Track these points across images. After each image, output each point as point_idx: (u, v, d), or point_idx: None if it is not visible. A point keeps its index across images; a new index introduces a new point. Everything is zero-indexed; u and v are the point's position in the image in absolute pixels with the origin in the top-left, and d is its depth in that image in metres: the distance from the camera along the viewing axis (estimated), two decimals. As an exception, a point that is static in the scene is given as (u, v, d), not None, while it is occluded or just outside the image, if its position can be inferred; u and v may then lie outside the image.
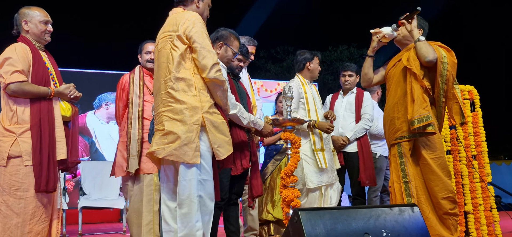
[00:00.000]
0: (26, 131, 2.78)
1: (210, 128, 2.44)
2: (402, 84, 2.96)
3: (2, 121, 2.83)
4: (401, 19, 3.00)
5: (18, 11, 2.99)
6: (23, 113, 2.81)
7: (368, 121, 4.27)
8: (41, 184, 2.75)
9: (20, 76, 2.78)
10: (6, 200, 2.74)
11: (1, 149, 2.76)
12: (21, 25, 2.96)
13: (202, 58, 2.44)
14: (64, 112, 2.95)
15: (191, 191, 2.38)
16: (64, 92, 2.96)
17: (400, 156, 2.93)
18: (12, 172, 2.76)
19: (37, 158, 2.76)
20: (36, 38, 2.98)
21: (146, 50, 3.74)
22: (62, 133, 2.89)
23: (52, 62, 3.09)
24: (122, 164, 3.57)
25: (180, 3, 2.67)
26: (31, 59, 2.87)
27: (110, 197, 5.49)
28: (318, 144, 3.82)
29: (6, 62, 2.79)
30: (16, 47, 2.86)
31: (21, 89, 2.78)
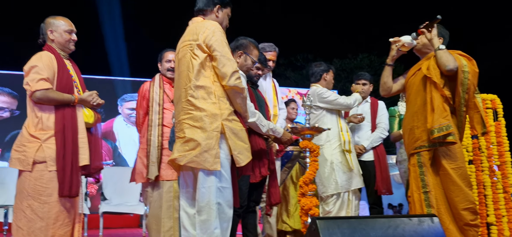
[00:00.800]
0: (51, 137, 2.85)
1: (230, 135, 2.47)
2: (421, 93, 2.94)
3: (27, 127, 2.90)
4: (421, 28, 2.98)
5: (44, 21, 3.08)
6: (48, 120, 2.87)
7: (384, 130, 4.33)
8: (64, 189, 2.81)
9: (45, 83, 2.86)
10: (30, 204, 2.80)
11: (27, 154, 2.83)
12: (47, 34, 3.04)
13: (222, 66, 2.47)
14: (87, 119, 3.01)
15: (210, 198, 2.40)
16: (87, 99, 3.03)
17: (420, 165, 2.90)
18: (37, 177, 2.82)
19: (60, 163, 2.82)
20: (60, 46, 3.06)
21: (166, 58, 3.80)
22: (85, 139, 2.95)
23: (76, 70, 3.16)
24: (142, 171, 3.62)
25: (200, 12, 2.72)
26: (56, 67, 2.95)
27: (130, 202, 5.56)
28: (347, 145, 3.92)
29: (33, 70, 2.87)
30: (41, 56, 2.94)
31: (46, 96, 2.86)
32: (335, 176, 3.85)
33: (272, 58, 3.89)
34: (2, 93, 9.10)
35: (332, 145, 3.91)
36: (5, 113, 9.08)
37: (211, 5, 2.70)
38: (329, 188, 3.83)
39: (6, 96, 9.12)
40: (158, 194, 3.56)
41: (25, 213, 2.80)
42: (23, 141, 2.87)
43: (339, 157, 3.88)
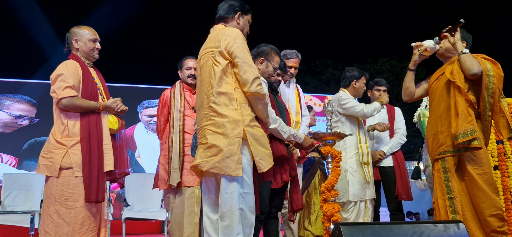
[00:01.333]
0: (76, 143, 2.91)
1: (252, 141, 2.48)
2: (445, 98, 2.90)
3: (54, 134, 2.96)
4: (444, 32, 2.94)
5: (69, 31, 3.16)
6: (74, 127, 2.94)
7: (403, 136, 4.34)
8: (90, 195, 2.86)
9: (71, 91, 2.92)
10: (57, 210, 2.87)
11: (53, 161, 2.89)
12: (72, 43, 3.12)
13: (243, 73, 2.49)
14: (111, 125, 3.07)
15: (233, 204, 2.42)
16: (112, 106, 3.09)
17: (445, 171, 2.85)
18: (64, 183, 2.88)
19: (86, 169, 2.87)
20: (85, 55, 3.13)
21: (187, 66, 3.84)
22: (109, 145, 3.00)
23: (100, 78, 3.23)
24: (164, 177, 3.66)
25: (221, 20, 2.75)
26: (81, 75, 3.02)
27: (152, 208, 5.62)
28: (365, 158, 3.89)
29: (59, 78, 2.95)
30: (67, 64, 3.01)
31: (72, 103, 2.92)
32: (349, 184, 3.85)
33: (294, 65, 3.88)
34: (21, 101, 9.17)
35: (348, 153, 3.90)
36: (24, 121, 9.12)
37: (232, 12, 2.73)
38: (343, 196, 3.82)
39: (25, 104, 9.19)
40: (180, 200, 3.60)
41: (52, 218, 2.87)
42: (50, 148, 2.93)
43: (354, 166, 3.87)
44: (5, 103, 8.97)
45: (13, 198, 5.47)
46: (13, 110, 9.03)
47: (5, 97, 9.04)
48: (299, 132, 3.17)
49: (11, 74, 11.00)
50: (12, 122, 8.99)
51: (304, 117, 3.90)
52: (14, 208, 5.39)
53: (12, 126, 8.97)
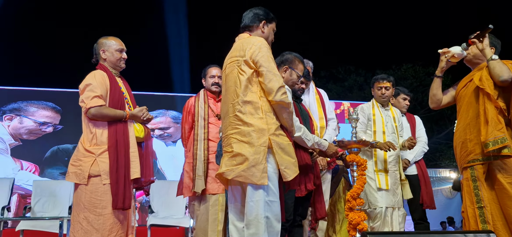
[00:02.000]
0: (104, 151, 2.96)
1: (277, 150, 2.49)
2: (474, 105, 2.84)
3: (83, 142, 3.03)
4: (472, 38, 2.89)
5: (96, 41, 3.24)
6: (102, 135, 3.00)
7: (425, 144, 4.33)
8: (118, 202, 2.91)
9: (99, 100, 2.99)
10: (87, 217, 2.93)
11: (82, 168, 2.96)
12: (99, 54, 3.20)
13: (268, 82, 2.50)
14: (137, 133, 3.12)
15: (259, 212, 2.42)
16: (138, 114, 3.14)
17: (474, 180, 2.79)
18: (92, 190, 2.94)
19: (114, 177, 2.92)
20: (112, 65, 3.20)
21: (211, 74, 3.89)
22: (136, 153, 3.05)
23: (127, 87, 3.30)
24: (189, 184, 3.70)
25: (246, 29, 2.77)
26: (108, 84, 3.09)
27: (176, 215, 5.67)
28: (381, 165, 3.82)
29: (87, 88, 3.02)
30: (95, 74, 3.09)
31: (100, 112, 2.99)
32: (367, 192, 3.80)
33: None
34: (46, 108, 9.09)
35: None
36: (48, 128, 9.03)
37: (257, 21, 2.75)
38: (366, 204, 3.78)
39: (50, 110, 9.10)
40: (205, 208, 3.63)
41: (82, 225, 2.93)
42: (79, 156, 3.00)
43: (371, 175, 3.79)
44: (29, 110, 8.99)
45: (42, 205, 5.61)
46: (38, 117, 8.99)
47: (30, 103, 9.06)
48: (322, 140, 3.16)
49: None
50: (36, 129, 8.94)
51: (330, 121, 3.86)
52: (43, 214, 5.53)
53: (36, 133, 8.93)
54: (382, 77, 4.04)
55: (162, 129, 9.25)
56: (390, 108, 4.10)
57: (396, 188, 3.84)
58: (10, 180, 5.78)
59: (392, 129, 3.98)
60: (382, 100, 4.02)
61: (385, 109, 4.05)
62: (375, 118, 3.94)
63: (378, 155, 3.83)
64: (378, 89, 4.03)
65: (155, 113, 9.21)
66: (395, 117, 4.06)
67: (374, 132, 3.91)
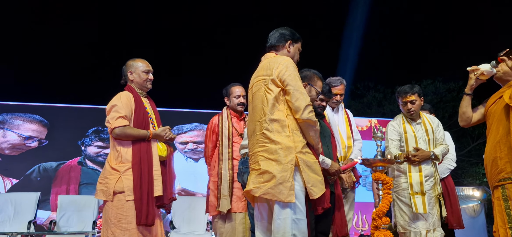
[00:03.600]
0: (128, 169, 3.03)
1: (304, 168, 2.49)
2: (504, 122, 2.79)
3: (110, 161, 3.12)
4: (501, 55, 2.86)
5: (125, 63, 3.35)
6: (126, 153, 3.07)
7: (452, 161, 4.13)
8: (141, 218, 2.96)
9: (123, 121, 3.07)
10: (114, 232, 2.99)
11: (108, 185, 3.03)
12: (127, 76, 3.30)
13: (296, 100, 2.52)
14: (160, 152, 3.17)
15: (286, 230, 2.42)
16: (161, 134, 3.19)
17: (505, 199, 2.73)
18: (118, 206, 3.00)
19: (137, 193, 2.99)
20: (139, 86, 3.30)
21: (236, 94, 3.90)
22: (158, 171, 3.10)
23: (153, 107, 3.37)
24: (214, 203, 3.71)
25: (272, 48, 2.81)
26: (133, 105, 3.17)
27: (198, 231, 5.70)
28: (417, 187, 3.62)
29: (113, 109, 3.11)
30: (121, 96, 3.18)
31: (124, 132, 3.06)
32: (394, 212, 3.71)
33: (339, 92, 3.87)
34: (32, 121, 8.39)
35: (397, 181, 3.74)
36: (33, 143, 8.29)
37: (283, 41, 2.78)
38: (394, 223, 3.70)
39: (36, 124, 8.41)
40: (230, 226, 3.63)
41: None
42: (106, 174, 3.09)
43: (401, 196, 3.67)
44: (14, 123, 8.27)
45: (67, 219, 5.71)
46: (23, 130, 8.30)
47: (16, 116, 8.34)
48: (326, 158, 3.14)
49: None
50: (20, 143, 8.22)
51: (356, 141, 3.86)
52: (68, 229, 5.62)
53: (19, 148, 8.22)
54: (404, 91, 3.77)
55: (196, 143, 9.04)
56: (422, 121, 3.84)
57: (431, 209, 3.63)
58: (36, 195, 5.91)
59: (425, 144, 3.76)
60: (410, 116, 3.81)
61: (417, 122, 3.83)
62: (406, 136, 3.76)
63: (413, 177, 3.64)
64: (403, 105, 3.80)
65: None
66: (427, 130, 3.79)
67: (407, 151, 3.72)
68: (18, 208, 5.74)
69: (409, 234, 3.63)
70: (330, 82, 3.90)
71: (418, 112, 3.83)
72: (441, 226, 3.87)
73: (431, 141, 3.78)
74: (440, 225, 3.68)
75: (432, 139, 3.79)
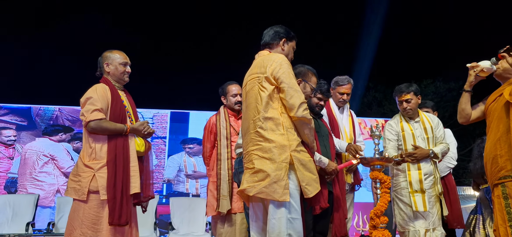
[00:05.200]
0: (103, 166, 2.90)
1: (298, 166, 2.46)
2: (504, 120, 2.76)
3: (82, 157, 2.97)
4: (502, 52, 2.83)
5: (101, 55, 3.22)
6: (101, 150, 2.94)
7: (452, 159, 4.07)
8: (114, 218, 2.84)
9: (99, 114, 2.94)
10: (84, 232, 2.85)
11: (81, 184, 2.89)
12: (103, 67, 3.17)
13: (290, 98, 2.49)
14: (138, 148, 3.06)
15: (281, 230, 2.38)
16: (139, 128, 3.08)
17: (505, 197, 2.69)
18: (91, 206, 2.87)
19: (111, 192, 2.86)
20: (116, 78, 3.17)
21: (232, 92, 3.85)
22: (136, 167, 2.99)
23: (130, 101, 3.25)
24: (213, 204, 3.67)
25: (266, 46, 2.77)
26: (110, 98, 3.04)
27: (197, 232, 5.67)
28: (416, 185, 3.60)
29: (88, 101, 2.98)
30: (97, 88, 3.05)
31: (99, 126, 2.93)
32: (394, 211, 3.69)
33: (346, 91, 3.85)
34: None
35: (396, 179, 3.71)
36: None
37: (277, 39, 2.75)
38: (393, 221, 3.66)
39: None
40: (230, 227, 3.59)
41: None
42: (79, 171, 2.94)
43: (401, 195, 3.64)
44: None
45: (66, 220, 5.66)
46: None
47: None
48: (323, 157, 3.11)
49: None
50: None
51: (358, 143, 3.84)
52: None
53: None
54: (400, 90, 3.79)
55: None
56: (420, 119, 3.83)
57: (431, 207, 3.60)
58: (35, 197, 5.88)
59: (424, 142, 3.74)
60: (407, 114, 3.80)
61: (415, 121, 3.81)
62: (404, 134, 3.74)
63: (412, 175, 3.61)
64: (400, 103, 3.81)
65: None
66: (426, 128, 3.78)
67: (405, 150, 3.70)
68: (16, 210, 5.72)
69: (408, 233, 3.59)
70: (337, 81, 3.86)
71: (415, 110, 3.82)
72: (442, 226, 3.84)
73: (430, 139, 3.75)
74: (441, 224, 3.64)
75: (431, 137, 3.76)
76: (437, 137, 3.79)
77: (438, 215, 3.62)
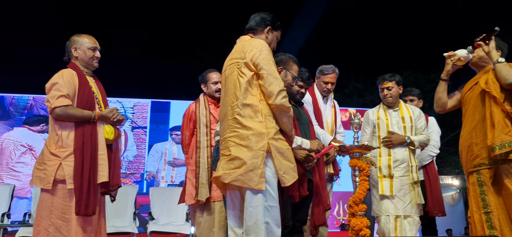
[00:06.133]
0: (70, 155, 2.82)
1: (276, 154, 2.44)
2: (480, 108, 2.80)
3: (48, 145, 2.88)
4: (478, 41, 2.85)
5: (69, 39, 3.10)
6: (68, 138, 2.85)
7: (434, 147, 4.10)
8: (80, 208, 2.77)
9: (65, 100, 2.85)
10: (54, 223, 2.79)
11: (47, 173, 2.81)
12: (71, 52, 3.05)
13: (269, 85, 2.46)
14: (107, 135, 2.98)
15: (258, 218, 2.36)
16: (108, 115, 2.99)
17: (480, 184, 2.74)
18: (60, 196, 2.80)
19: (78, 181, 2.78)
20: (84, 64, 3.05)
21: (213, 80, 3.81)
22: (104, 156, 2.91)
23: (100, 87, 3.15)
24: (191, 192, 3.64)
25: (250, 31, 2.73)
26: (77, 84, 2.94)
27: (177, 222, 5.62)
28: (385, 170, 3.68)
29: (53, 87, 2.88)
30: (63, 73, 2.94)
31: (65, 112, 2.84)
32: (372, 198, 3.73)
33: (330, 80, 3.82)
34: None
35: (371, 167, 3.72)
36: None
37: (263, 25, 2.71)
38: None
39: None
40: (209, 215, 3.56)
41: (49, 231, 2.79)
42: (44, 159, 2.86)
43: (374, 180, 3.71)
44: None
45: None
46: None
47: None
48: (304, 139, 3.10)
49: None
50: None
51: (338, 134, 3.84)
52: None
53: None
54: (383, 78, 3.87)
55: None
56: (399, 108, 3.87)
57: (403, 195, 3.63)
58: (10, 187, 5.74)
59: (399, 130, 3.77)
60: (386, 102, 3.85)
61: (394, 110, 3.85)
62: (379, 122, 3.81)
63: (382, 161, 3.70)
64: (381, 91, 3.87)
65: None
66: (404, 117, 3.81)
67: (379, 137, 3.77)
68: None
69: (380, 219, 3.65)
70: (322, 70, 3.84)
71: (395, 99, 3.87)
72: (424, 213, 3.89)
73: (407, 128, 3.79)
74: (416, 213, 3.67)
75: (409, 127, 3.80)
76: (417, 128, 3.83)
77: (412, 203, 3.65)
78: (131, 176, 8.79)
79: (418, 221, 3.68)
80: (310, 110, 3.75)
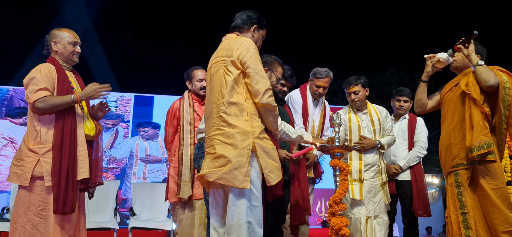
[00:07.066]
0: (48, 151, 2.79)
1: (261, 153, 2.44)
2: (459, 109, 2.85)
3: (26, 141, 2.84)
4: (458, 44, 2.90)
5: (49, 33, 3.04)
6: (46, 134, 2.82)
7: (422, 149, 4.14)
8: (58, 205, 2.73)
9: (43, 92, 2.81)
10: (31, 220, 2.76)
11: (24, 169, 2.77)
12: (51, 46, 3.00)
13: (255, 83, 2.45)
14: (88, 131, 2.95)
15: (240, 217, 2.37)
16: (90, 93, 2.91)
17: (458, 185, 2.79)
18: (37, 192, 2.77)
19: (56, 178, 2.75)
20: (64, 58, 3.01)
21: (198, 77, 3.79)
22: (84, 152, 2.87)
23: (79, 82, 3.11)
24: (174, 189, 3.62)
25: (236, 29, 2.72)
26: (55, 78, 2.90)
27: (158, 218, 5.59)
28: (355, 175, 3.73)
29: (31, 82, 2.83)
30: (41, 68, 2.90)
31: (46, 103, 2.79)
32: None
33: (323, 84, 3.76)
34: None
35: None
36: None
37: (249, 24, 2.71)
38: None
39: None
40: (190, 213, 3.56)
41: (26, 228, 2.76)
42: (22, 155, 2.82)
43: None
44: None
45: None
46: None
47: None
48: (304, 132, 3.13)
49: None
50: None
51: (324, 137, 3.85)
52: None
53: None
54: (349, 82, 3.88)
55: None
56: (368, 111, 3.92)
57: (373, 196, 3.71)
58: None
59: (370, 133, 3.84)
60: (355, 105, 3.89)
61: (363, 112, 3.91)
62: (350, 124, 3.84)
63: (353, 165, 3.74)
64: (348, 95, 3.90)
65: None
66: (373, 120, 3.88)
67: (350, 140, 3.80)
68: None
69: (349, 220, 3.67)
70: (315, 72, 3.80)
71: (363, 102, 3.92)
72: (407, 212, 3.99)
73: (376, 131, 3.87)
74: (384, 212, 3.76)
75: (378, 129, 3.87)
76: (384, 129, 3.91)
77: (381, 203, 3.73)
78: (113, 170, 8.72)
79: (387, 221, 3.77)
80: (298, 111, 3.75)
